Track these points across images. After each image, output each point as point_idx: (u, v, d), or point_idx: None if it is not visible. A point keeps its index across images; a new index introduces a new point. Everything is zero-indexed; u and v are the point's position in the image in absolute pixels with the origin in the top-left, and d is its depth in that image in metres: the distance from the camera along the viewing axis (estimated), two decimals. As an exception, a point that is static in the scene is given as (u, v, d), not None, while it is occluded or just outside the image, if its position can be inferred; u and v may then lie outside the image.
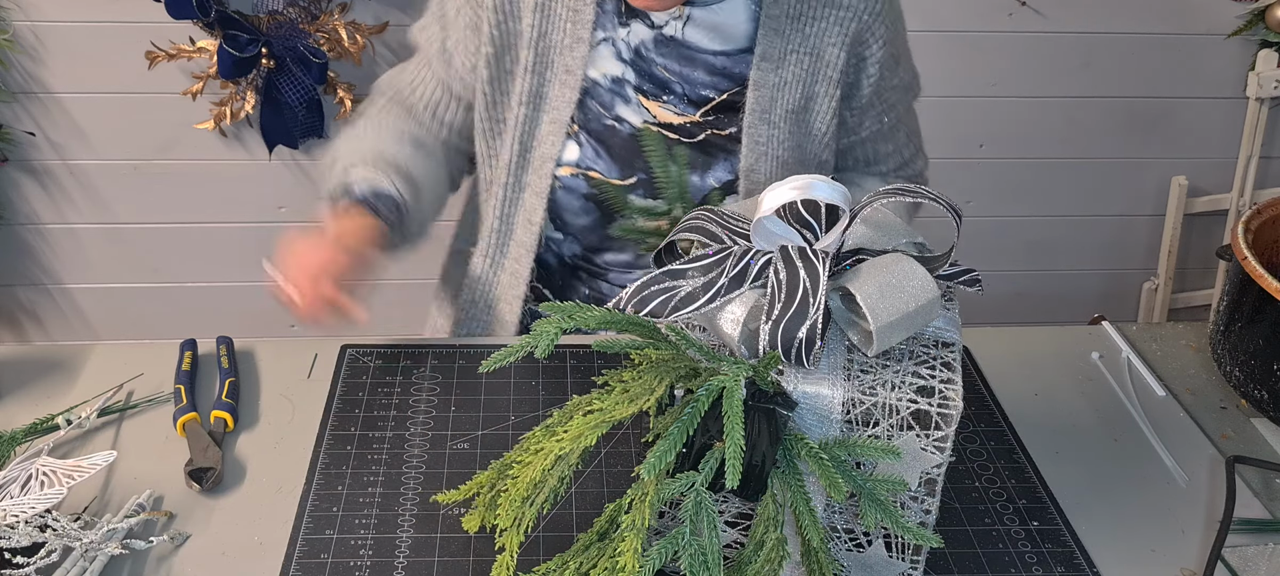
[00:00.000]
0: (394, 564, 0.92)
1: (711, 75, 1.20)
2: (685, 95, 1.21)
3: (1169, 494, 1.03)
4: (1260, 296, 1.09)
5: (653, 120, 1.21)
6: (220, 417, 1.08)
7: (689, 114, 1.21)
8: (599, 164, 1.23)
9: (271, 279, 1.10)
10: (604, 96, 1.21)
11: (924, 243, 0.86)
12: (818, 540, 0.77)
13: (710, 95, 1.21)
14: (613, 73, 1.21)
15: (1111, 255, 2.39)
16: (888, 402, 0.80)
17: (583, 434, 0.77)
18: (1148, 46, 2.15)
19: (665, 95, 1.21)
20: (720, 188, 1.23)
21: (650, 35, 1.19)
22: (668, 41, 1.19)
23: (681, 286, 0.80)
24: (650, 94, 1.21)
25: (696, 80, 1.20)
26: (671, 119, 1.21)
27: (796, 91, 1.21)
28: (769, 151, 1.22)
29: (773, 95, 1.20)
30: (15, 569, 0.87)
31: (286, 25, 1.94)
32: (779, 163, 1.22)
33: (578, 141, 1.23)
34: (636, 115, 1.22)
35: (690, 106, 1.21)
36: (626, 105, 1.21)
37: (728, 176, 1.23)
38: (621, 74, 1.21)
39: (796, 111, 1.22)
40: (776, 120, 1.21)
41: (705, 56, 1.20)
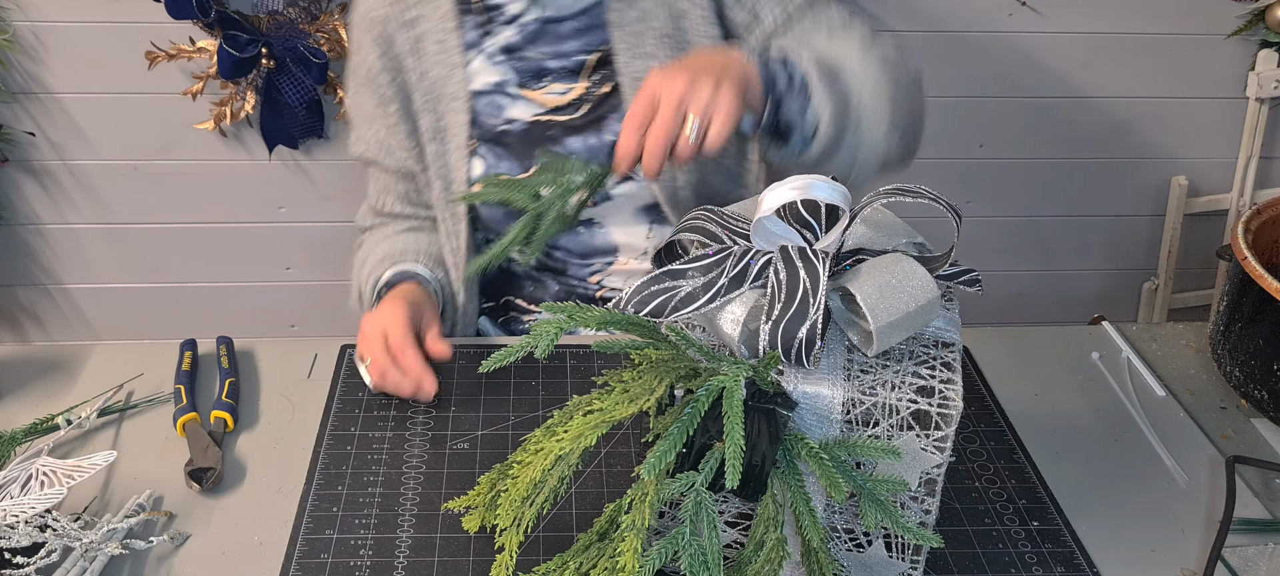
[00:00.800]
0: (394, 564, 0.92)
1: (579, 38, 1.23)
2: (563, 70, 1.24)
3: (1169, 494, 1.03)
4: (1260, 296, 1.09)
5: (541, 110, 1.25)
6: (220, 418, 1.08)
7: (573, 85, 1.24)
8: (501, 166, 1.25)
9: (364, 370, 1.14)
10: (491, 105, 1.26)
11: (924, 242, 0.86)
12: (818, 540, 0.77)
13: (583, 59, 1.23)
14: (492, 79, 1.25)
15: (1111, 255, 2.39)
16: (888, 403, 0.80)
17: (583, 434, 0.77)
18: (1148, 46, 2.15)
19: (545, 79, 1.24)
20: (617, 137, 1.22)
21: (512, 29, 1.23)
22: (528, 26, 1.23)
23: (681, 286, 0.80)
24: (531, 85, 1.24)
25: (567, 50, 1.23)
26: (557, 101, 1.24)
27: (660, 15, 1.21)
28: None
29: (637, 29, 1.21)
30: (15, 569, 0.87)
31: (286, 25, 1.94)
32: None
33: (479, 155, 1.26)
34: (525, 110, 1.25)
35: (571, 77, 1.24)
36: (514, 104, 1.25)
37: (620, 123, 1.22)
38: (500, 77, 1.25)
39: (670, 34, 1.21)
40: (650, 49, 1.21)
41: (567, 23, 1.23)
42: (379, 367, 1.10)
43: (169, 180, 2.11)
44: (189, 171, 2.11)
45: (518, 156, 1.25)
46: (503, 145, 1.26)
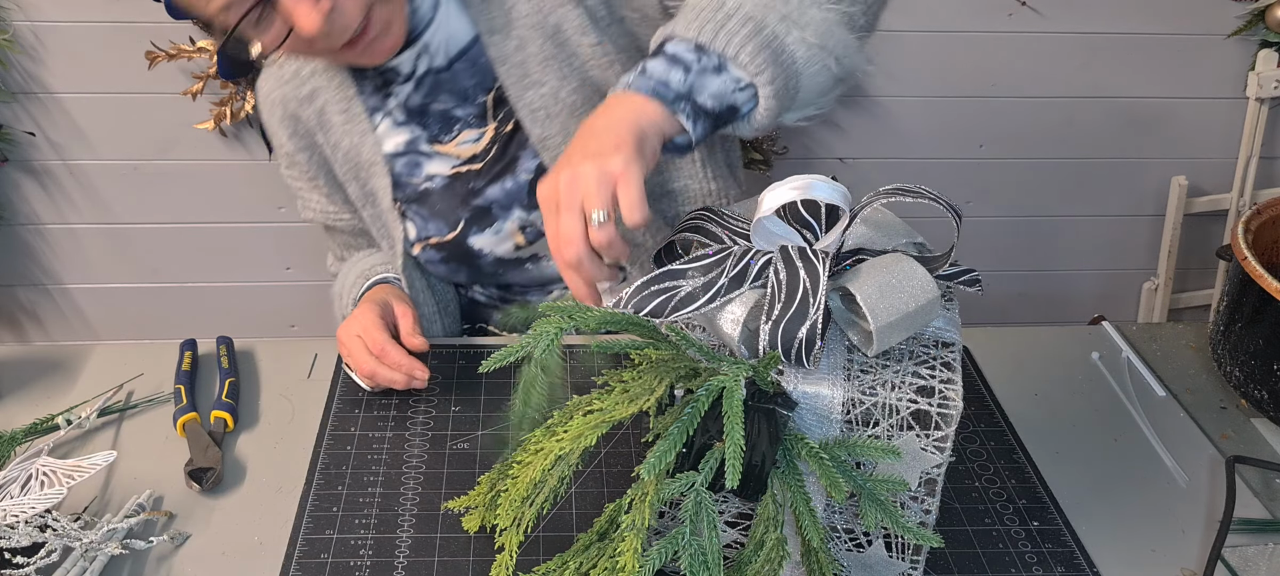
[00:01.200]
0: (394, 564, 0.92)
1: (473, 78, 1.20)
2: (471, 115, 1.21)
3: (1169, 494, 1.03)
4: (1260, 296, 1.09)
5: (458, 161, 1.22)
6: (220, 418, 1.08)
7: (484, 128, 1.21)
8: (430, 227, 1.25)
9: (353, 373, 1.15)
10: (408, 165, 1.24)
11: (924, 242, 0.86)
12: (818, 540, 0.77)
13: (484, 100, 1.20)
14: (403, 139, 1.23)
15: (1111, 255, 2.39)
16: (888, 403, 0.80)
17: (583, 434, 0.77)
18: (1148, 46, 2.15)
19: (455, 130, 1.22)
20: (533, 176, 1.21)
21: (409, 87, 1.21)
22: (423, 79, 1.19)
23: (681, 286, 0.80)
24: (442, 138, 1.22)
25: (468, 93, 1.20)
26: (473, 150, 1.22)
27: (536, 39, 1.16)
28: (551, 111, 1.17)
29: (518, 59, 1.16)
30: (15, 569, 0.87)
31: (286, 25, 1.94)
32: (568, 113, 1.16)
33: (407, 217, 1.26)
34: (442, 165, 1.23)
35: (480, 121, 1.21)
36: (430, 161, 1.23)
37: (534, 160, 1.21)
38: (411, 136, 1.23)
39: (552, 55, 1.16)
40: (537, 76, 1.16)
41: (456, 67, 1.19)
42: (366, 370, 1.11)
43: (169, 180, 2.12)
44: (189, 171, 2.11)
45: (444, 216, 1.24)
46: (427, 205, 1.24)
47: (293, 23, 1.01)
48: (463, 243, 1.25)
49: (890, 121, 2.17)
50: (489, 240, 1.24)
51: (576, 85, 1.17)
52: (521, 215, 1.23)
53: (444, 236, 1.25)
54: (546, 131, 1.17)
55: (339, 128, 1.23)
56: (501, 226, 1.24)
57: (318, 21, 1.00)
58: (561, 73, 1.16)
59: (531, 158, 1.21)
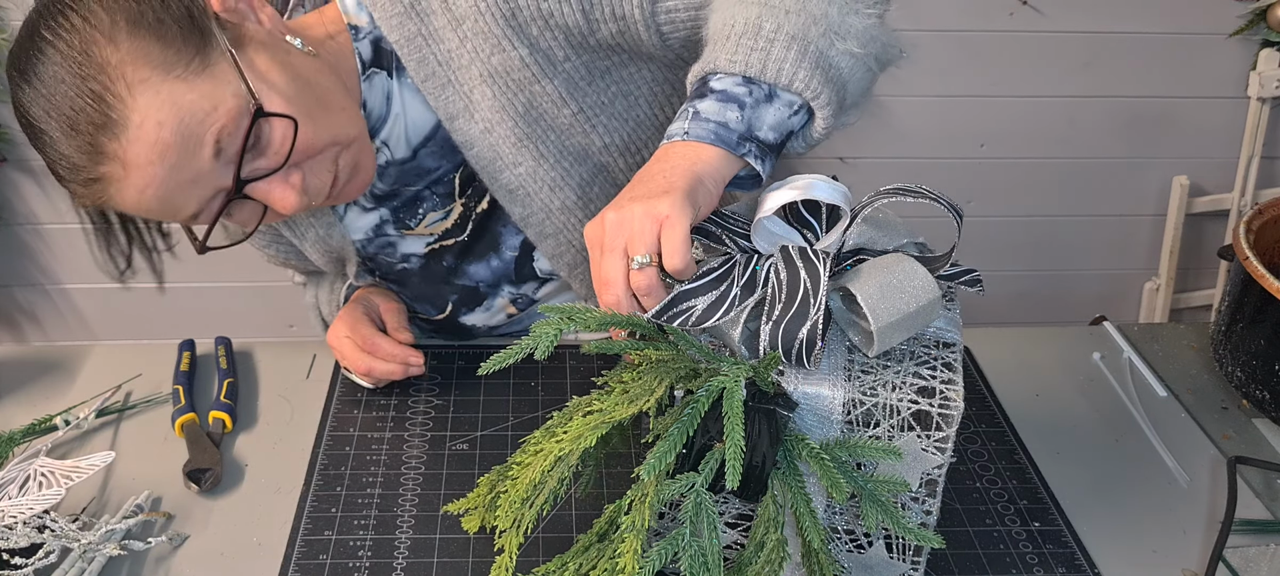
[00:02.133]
0: (393, 564, 0.91)
1: (438, 159, 1.11)
2: (436, 194, 1.14)
3: (1170, 494, 1.03)
4: (1262, 296, 1.09)
5: (432, 240, 1.17)
6: (218, 418, 1.08)
7: (451, 205, 1.14)
8: (418, 306, 1.23)
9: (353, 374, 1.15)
10: (380, 245, 1.18)
11: (925, 243, 0.86)
12: (818, 541, 0.77)
13: (451, 178, 1.13)
14: (371, 223, 1.16)
15: (1113, 255, 2.39)
16: (888, 403, 0.80)
17: (582, 435, 0.77)
18: (1149, 46, 2.14)
19: (420, 211, 1.15)
20: (519, 253, 1.17)
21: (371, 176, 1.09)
22: (386, 169, 1.11)
23: (695, 306, 0.80)
24: (409, 222, 1.16)
25: (432, 174, 1.12)
26: (443, 226, 1.16)
27: (507, 121, 1.06)
28: (529, 191, 1.10)
29: (489, 142, 1.07)
30: (13, 569, 0.87)
31: (286, 25, 1.94)
32: (549, 189, 1.10)
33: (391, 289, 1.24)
34: (416, 244, 1.18)
35: (446, 200, 1.14)
36: (402, 242, 1.18)
37: (516, 235, 1.16)
38: (377, 220, 1.16)
39: (526, 135, 1.06)
40: (511, 159, 1.08)
41: (420, 154, 1.11)
42: (361, 368, 1.11)
43: (168, 180, 2.11)
44: (188, 171, 2.11)
45: (429, 299, 1.21)
46: (408, 287, 1.21)
47: (269, 204, 0.95)
48: (455, 321, 1.23)
49: (890, 121, 2.17)
50: (480, 317, 1.23)
51: (554, 160, 1.09)
52: (511, 290, 1.21)
53: (433, 317, 1.23)
54: (527, 210, 1.11)
55: (304, 221, 1.15)
56: (492, 304, 1.22)
57: (294, 199, 0.94)
58: (538, 151, 1.08)
59: (515, 234, 1.16)
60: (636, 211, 0.81)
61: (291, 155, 0.92)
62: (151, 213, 0.93)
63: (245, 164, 0.91)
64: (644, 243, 0.80)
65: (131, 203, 0.90)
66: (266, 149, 0.92)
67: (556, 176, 1.09)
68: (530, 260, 1.18)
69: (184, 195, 0.91)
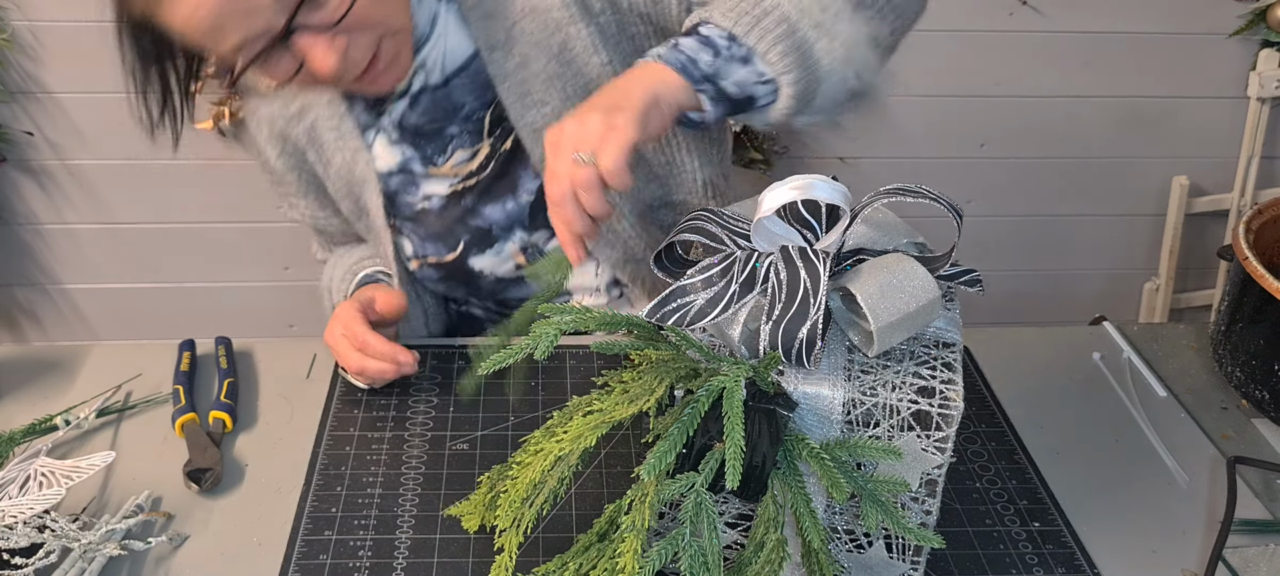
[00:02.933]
0: (393, 564, 0.92)
1: (471, 94, 1.16)
2: (464, 131, 1.17)
3: (1170, 494, 1.03)
4: (1261, 296, 1.09)
5: (454, 180, 1.19)
6: (218, 418, 1.08)
7: (477, 146, 1.18)
8: (428, 247, 1.24)
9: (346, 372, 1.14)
10: (402, 183, 1.21)
11: (924, 242, 0.86)
12: (818, 541, 0.77)
13: (481, 113, 1.17)
14: (396, 161, 1.20)
15: (1112, 255, 2.39)
16: (888, 403, 0.80)
17: (582, 434, 0.77)
18: (1148, 46, 2.15)
19: (449, 149, 1.18)
20: (535, 198, 1.19)
21: (403, 104, 1.17)
22: (419, 97, 1.16)
23: (693, 300, 0.80)
24: (436, 160, 1.19)
25: (464, 111, 1.17)
26: (467, 168, 1.19)
27: (540, 57, 1.11)
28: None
29: (520, 77, 1.12)
30: (14, 569, 0.87)
31: (286, 25, 1.94)
32: None
33: (404, 234, 1.25)
34: (439, 185, 1.20)
35: (474, 138, 1.18)
36: (426, 182, 1.20)
37: (534, 179, 1.19)
38: (402, 156, 1.19)
39: (556, 74, 1.12)
40: (539, 95, 1.12)
41: (454, 82, 1.15)
42: (355, 367, 1.10)
43: (168, 180, 2.11)
44: (188, 171, 2.11)
45: (442, 237, 1.22)
46: (423, 225, 1.23)
47: (306, 61, 1.00)
48: (463, 264, 1.24)
49: (890, 121, 2.17)
50: (489, 261, 1.23)
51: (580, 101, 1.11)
52: (523, 236, 1.22)
53: (443, 257, 1.23)
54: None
55: (330, 145, 1.19)
56: (503, 248, 1.22)
57: (334, 62, 0.99)
58: (565, 93, 1.12)
59: (533, 179, 1.18)
60: (594, 119, 0.89)
61: (345, 19, 0.98)
62: (196, 34, 0.98)
63: (300, 13, 0.96)
64: (590, 144, 0.87)
65: (183, 17, 0.96)
66: (325, 4, 0.97)
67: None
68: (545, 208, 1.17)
69: (234, 23, 0.97)
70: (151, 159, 2.09)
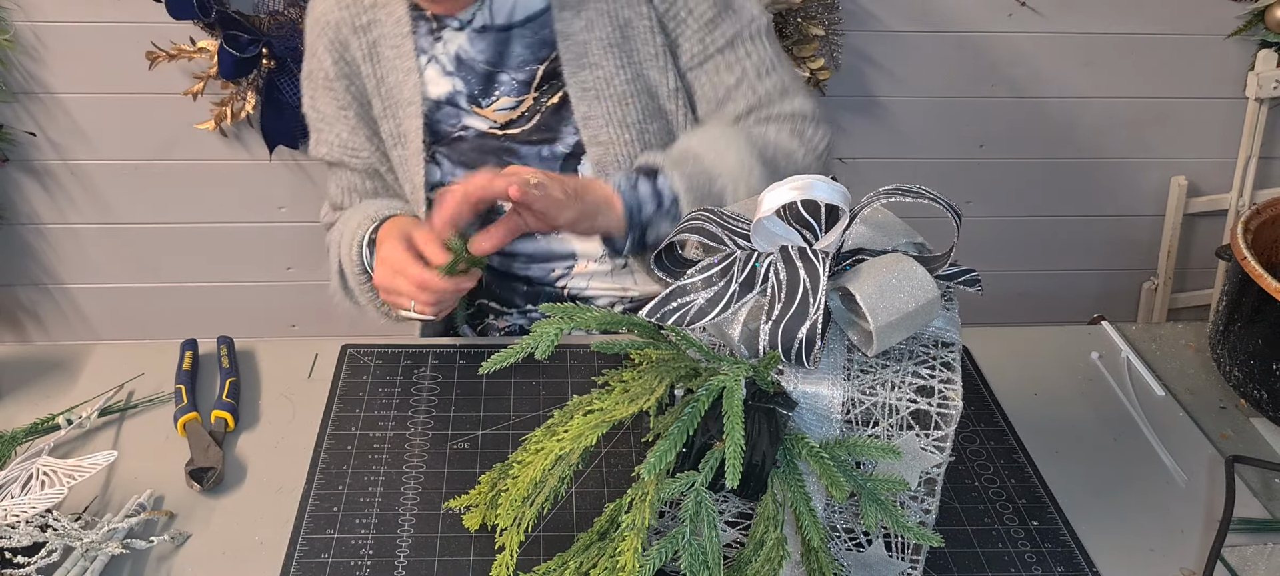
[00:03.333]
0: (394, 564, 0.92)
1: (529, 49, 1.23)
2: (513, 80, 1.24)
3: (1168, 494, 1.04)
4: (1260, 296, 1.09)
5: (494, 125, 1.25)
6: (221, 417, 1.08)
7: (523, 97, 1.24)
8: (457, 174, 1.26)
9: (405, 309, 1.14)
10: (446, 113, 1.26)
11: (924, 242, 0.86)
12: (818, 540, 0.77)
13: (533, 68, 1.23)
14: (444, 90, 1.25)
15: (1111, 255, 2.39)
16: (887, 402, 0.80)
17: (583, 434, 0.77)
18: (1148, 46, 2.15)
19: (495, 93, 1.25)
20: (570, 151, 1.25)
21: (464, 37, 1.23)
22: (480, 33, 1.23)
23: (693, 300, 0.80)
24: (482, 100, 1.25)
25: (518, 59, 1.24)
26: (508, 116, 1.25)
27: (605, 24, 1.21)
28: (601, 93, 1.22)
29: (583, 38, 1.21)
30: (16, 568, 0.87)
31: (287, 25, 1.94)
32: (615, 100, 1.22)
33: (435, 161, 1.27)
34: (479, 122, 1.26)
35: (521, 88, 1.24)
36: (467, 115, 1.26)
37: (574, 136, 1.25)
38: (451, 88, 1.25)
39: (617, 43, 1.22)
40: (596, 59, 1.21)
41: (517, 30, 1.23)
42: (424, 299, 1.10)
43: (169, 180, 2.12)
44: (189, 171, 2.11)
45: (471, 165, 1.25)
46: (458, 153, 1.26)
47: None
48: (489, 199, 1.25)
49: (890, 121, 2.17)
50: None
51: (630, 77, 1.23)
52: None
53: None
54: (592, 111, 1.22)
55: (388, 61, 1.25)
56: None
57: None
58: (619, 61, 1.22)
59: (572, 133, 1.25)
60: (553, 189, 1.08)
61: None
62: None
63: None
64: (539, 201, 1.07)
65: None
66: None
67: (626, 92, 1.23)
68: (575, 167, 1.25)
69: None
70: (153, 159, 2.09)
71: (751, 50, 1.26)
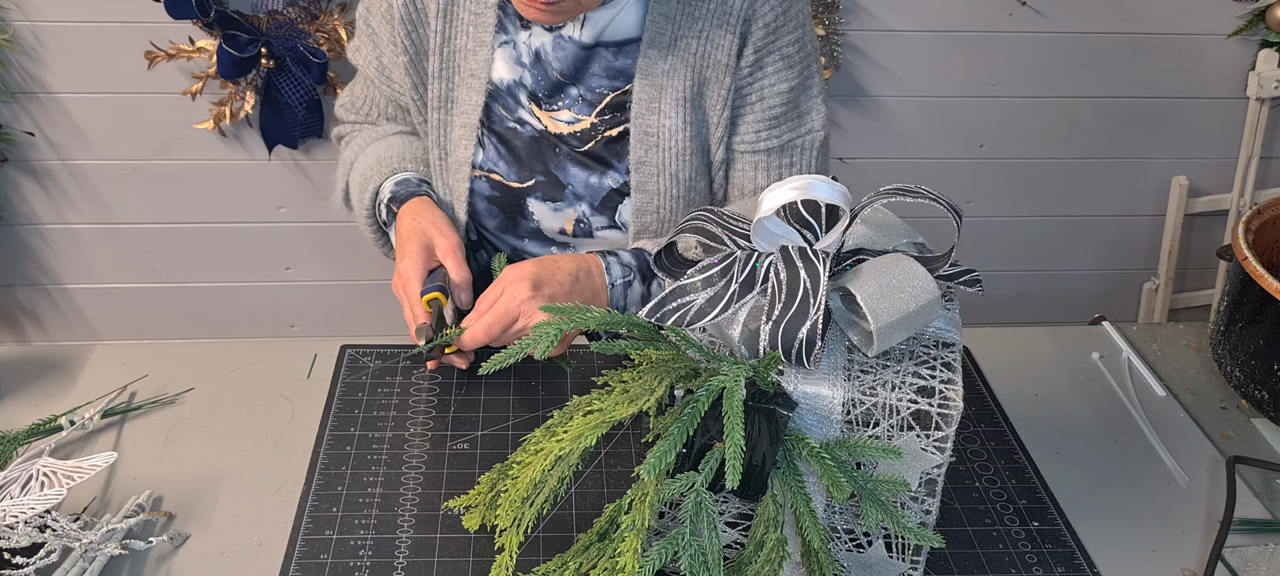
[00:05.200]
0: (394, 564, 0.92)
1: (607, 73, 1.21)
2: (581, 97, 1.22)
3: (1169, 494, 1.03)
4: (1261, 296, 1.09)
5: (546, 132, 1.23)
6: (434, 299, 1.11)
7: (584, 117, 1.22)
8: (500, 166, 1.25)
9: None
10: (507, 100, 1.24)
11: (924, 243, 0.86)
12: (818, 540, 0.77)
13: (604, 92, 1.21)
14: (510, 77, 1.23)
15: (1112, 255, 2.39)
16: (888, 403, 0.80)
17: (582, 434, 0.77)
18: (1148, 46, 2.15)
19: (560, 101, 1.22)
20: (618, 188, 1.23)
21: (549, 39, 1.20)
22: (566, 42, 1.20)
23: (694, 300, 0.80)
24: (544, 103, 1.23)
25: (593, 80, 1.21)
26: (563, 129, 1.23)
27: (685, 78, 1.19)
28: (661, 143, 1.21)
29: (660, 83, 1.19)
30: (15, 569, 0.87)
31: (286, 25, 1.94)
32: (674, 154, 1.21)
33: (482, 143, 1.26)
34: (536, 122, 1.24)
35: (586, 108, 1.22)
36: (523, 110, 1.24)
37: (623, 177, 1.23)
38: (518, 78, 1.23)
39: (689, 99, 1.20)
40: (666, 108, 1.20)
41: (601, 52, 1.20)
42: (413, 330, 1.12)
43: (169, 180, 2.11)
44: (189, 171, 2.11)
45: (519, 161, 1.25)
46: (507, 145, 1.25)
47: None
48: (521, 199, 1.25)
49: (890, 121, 2.17)
50: (545, 211, 1.25)
51: (691, 136, 1.21)
52: (586, 211, 1.24)
53: (509, 180, 1.25)
54: (648, 158, 1.21)
55: (461, 24, 1.22)
56: (563, 210, 1.25)
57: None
58: (685, 118, 1.20)
59: (623, 174, 1.23)
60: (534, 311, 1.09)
61: None
62: None
63: None
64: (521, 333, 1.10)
65: None
66: None
67: (684, 149, 1.21)
68: (617, 203, 1.24)
69: None
70: (152, 159, 2.09)
71: (797, 161, 1.26)
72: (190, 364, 1.17)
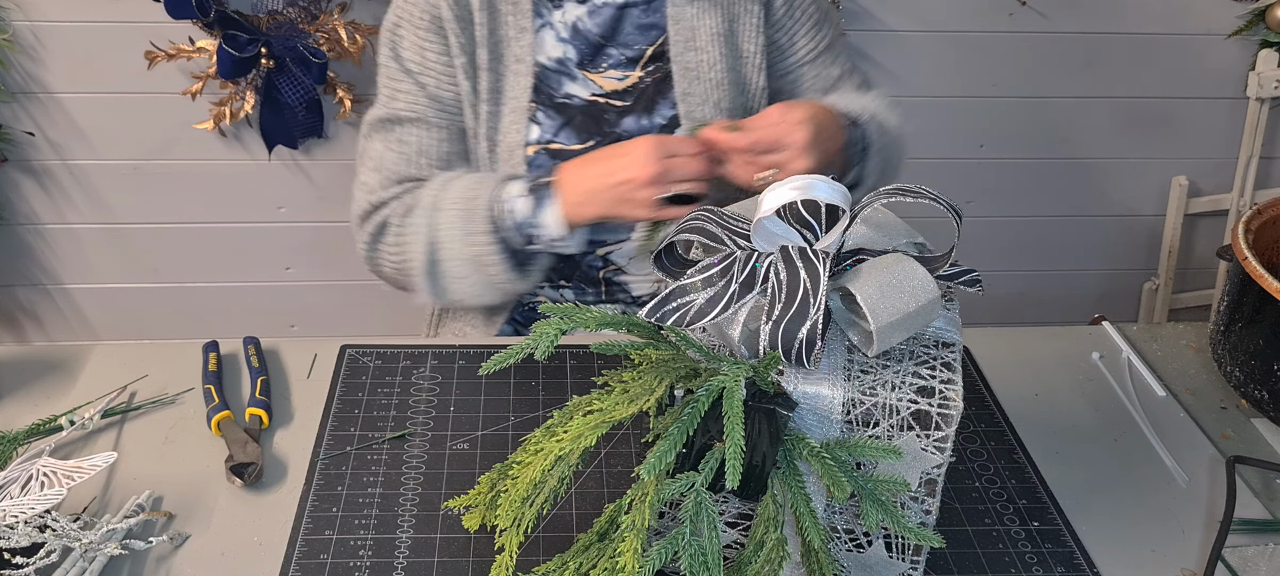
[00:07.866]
0: (393, 564, 0.92)
1: (640, 29, 1.31)
2: (621, 58, 1.31)
3: (1169, 494, 1.03)
4: (1261, 296, 1.09)
5: (599, 91, 1.31)
6: (255, 415, 1.08)
7: (630, 75, 1.31)
8: (560, 136, 1.29)
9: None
10: (553, 78, 1.31)
11: (924, 243, 0.86)
12: (818, 540, 0.77)
13: (643, 47, 1.31)
14: (556, 55, 1.31)
15: (1112, 255, 2.39)
16: (888, 403, 0.80)
17: (583, 434, 0.77)
18: (1148, 46, 2.14)
19: (603, 64, 1.31)
20: (666, 123, 1.31)
21: (583, 9, 1.30)
22: (598, 9, 1.29)
23: (693, 300, 0.80)
24: (591, 66, 1.31)
25: (628, 38, 1.31)
26: (614, 86, 1.31)
27: (715, 14, 1.31)
28: (702, 75, 1.31)
29: (692, 24, 1.30)
30: (14, 569, 0.87)
31: (286, 25, 1.94)
32: (712, 84, 1.31)
33: (536, 120, 1.30)
34: (584, 88, 1.31)
35: (629, 65, 1.31)
36: (573, 82, 1.31)
37: (671, 111, 1.31)
38: (563, 54, 1.31)
39: (723, 34, 1.31)
40: (702, 44, 1.31)
41: (631, 11, 1.30)
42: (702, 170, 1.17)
43: (169, 180, 2.11)
44: (189, 171, 2.11)
45: (577, 129, 1.30)
46: (562, 114, 1.30)
47: None
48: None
49: (890, 121, 2.17)
50: None
51: (728, 67, 1.32)
52: None
53: (570, 145, 1.29)
54: (692, 89, 1.31)
55: (501, 15, 1.28)
56: None
57: None
58: (722, 50, 1.31)
59: (669, 107, 1.31)
60: (804, 160, 1.15)
61: None
62: None
63: None
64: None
65: None
66: None
67: (724, 80, 1.32)
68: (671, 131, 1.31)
69: None
70: (152, 159, 2.09)
71: (843, 48, 1.43)
72: (190, 364, 1.17)
